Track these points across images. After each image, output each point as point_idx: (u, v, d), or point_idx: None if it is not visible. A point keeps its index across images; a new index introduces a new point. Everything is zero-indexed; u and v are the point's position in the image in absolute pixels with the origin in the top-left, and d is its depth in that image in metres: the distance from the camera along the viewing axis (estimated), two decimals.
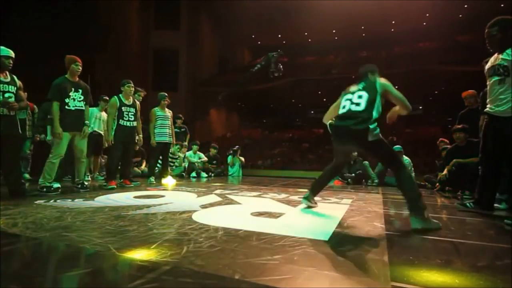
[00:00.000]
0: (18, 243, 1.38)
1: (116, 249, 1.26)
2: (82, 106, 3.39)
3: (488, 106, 2.43)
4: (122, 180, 4.04)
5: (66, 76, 3.31)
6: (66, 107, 3.26)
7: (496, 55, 2.35)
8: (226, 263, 1.12)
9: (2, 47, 2.80)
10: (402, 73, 16.24)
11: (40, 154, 4.88)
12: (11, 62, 2.83)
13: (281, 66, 5.16)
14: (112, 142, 3.94)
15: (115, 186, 3.72)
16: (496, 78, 2.29)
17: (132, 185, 4.01)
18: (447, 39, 17.02)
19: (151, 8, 17.11)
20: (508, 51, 2.21)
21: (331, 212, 2.37)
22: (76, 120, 3.33)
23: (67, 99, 3.26)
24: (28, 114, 4.71)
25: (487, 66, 2.43)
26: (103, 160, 5.65)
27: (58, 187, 3.36)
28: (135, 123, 4.11)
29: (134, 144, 4.22)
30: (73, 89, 3.30)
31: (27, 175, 4.82)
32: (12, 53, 2.83)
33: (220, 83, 19.58)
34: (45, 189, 3.13)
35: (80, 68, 3.34)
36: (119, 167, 4.18)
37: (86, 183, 3.56)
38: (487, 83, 2.42)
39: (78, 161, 3.46)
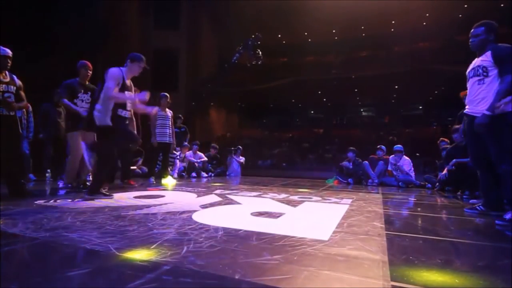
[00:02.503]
0: (18, 243, 1.38)
1: (116, 249, 1.26)
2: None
3: (467, 107, 2.48)
4: (126, 180, 4.04)
5: (77, 78, 3.50)
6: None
7: (476, 58, 2.43)
8: (226, 263, 1.12)
9: (1, 47, 2.79)
10: (402, 73, 16.24)
11: (39, 154, 4.88)
12: (9, 61, 2.82)
13: (259, 52, 5.01)
14: None
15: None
16: (476, 78, 2.36)
17: (136, 185, 4.01)
18: (447, 39, 17.01)
19: (151, 8, 17.08)
20: (488, 53, 2.29)
21: (331, 212, 2.37)
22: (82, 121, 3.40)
23: (76, 99, 3.43)
24: (23, 113, 4.69)
25: (468, 69, 2.51)
26: None
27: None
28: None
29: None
30: (82, 91, 3.47)
31: (31, 175, 4.81)
32: (10, 53, 2.83)
33: (220, 83, 19.56)
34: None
35: (89, 72, 3.53)
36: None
37: (88, 183, 3.57)
38: (467, 85, 2.50)
39: (82, 162, 3.46)
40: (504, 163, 2.18)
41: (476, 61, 2.42)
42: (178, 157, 6.43)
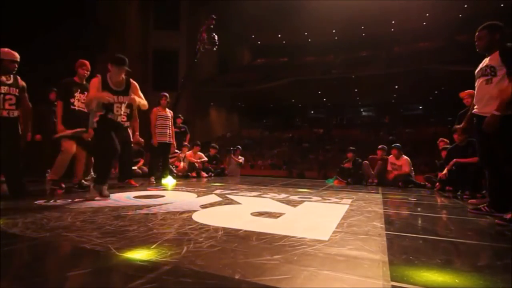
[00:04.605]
0: (18, 243, 1.38)
1: (116, 249, 1.26)
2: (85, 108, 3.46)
3: (475, 107, 2.46)
4: (126, 180, 4.04)
5: (74, 78, 3.48)
6: (72, 106, 3.39)
7: (486, 58, 2.41)
8: (226, 263, 1.12)
9: (8, 50, 2.77)
10: (402, 73, 16.25)
11: (36, 154, 4.86)
12: (16, 65, 2.81)
13: (215, 36, 4.81)
14: None
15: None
16: (484, 78, 2.34)
17: (137, 185, 4.00)
18: (447, 39, 17.03)
19: (151, 8, 17.11)
20: (496, 53, 2.26)
21: (331, 212, 2.36)
22: (80, 120, 3.38)
23: (72, 99, 3.40)
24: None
25: (477, 69, 2.48)
26: None
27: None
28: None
29: (130, 143, 4.18)
30: (79, 90, 3.43)
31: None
32: (17, 57, 2.81)
33: (220, 83, 19.58)
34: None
35: (86, 72, 3.50)
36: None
37: (85, 183, 3.57)
38: (476, 85, 2.47)
39: (77, 161, 3.47)
40: (509, 164, 2.13)
41: (485, 61, 2.39)
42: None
